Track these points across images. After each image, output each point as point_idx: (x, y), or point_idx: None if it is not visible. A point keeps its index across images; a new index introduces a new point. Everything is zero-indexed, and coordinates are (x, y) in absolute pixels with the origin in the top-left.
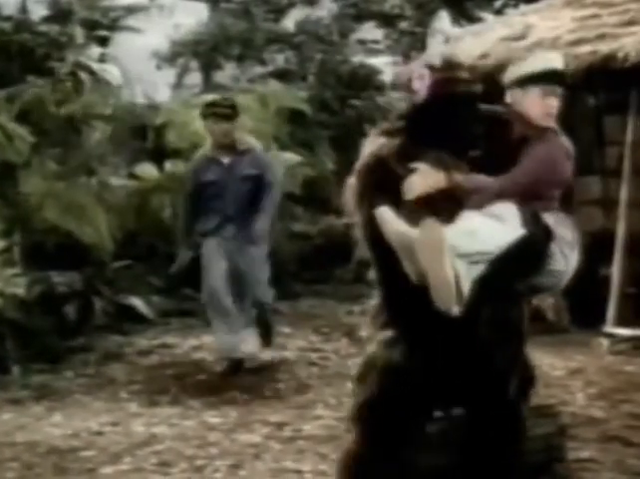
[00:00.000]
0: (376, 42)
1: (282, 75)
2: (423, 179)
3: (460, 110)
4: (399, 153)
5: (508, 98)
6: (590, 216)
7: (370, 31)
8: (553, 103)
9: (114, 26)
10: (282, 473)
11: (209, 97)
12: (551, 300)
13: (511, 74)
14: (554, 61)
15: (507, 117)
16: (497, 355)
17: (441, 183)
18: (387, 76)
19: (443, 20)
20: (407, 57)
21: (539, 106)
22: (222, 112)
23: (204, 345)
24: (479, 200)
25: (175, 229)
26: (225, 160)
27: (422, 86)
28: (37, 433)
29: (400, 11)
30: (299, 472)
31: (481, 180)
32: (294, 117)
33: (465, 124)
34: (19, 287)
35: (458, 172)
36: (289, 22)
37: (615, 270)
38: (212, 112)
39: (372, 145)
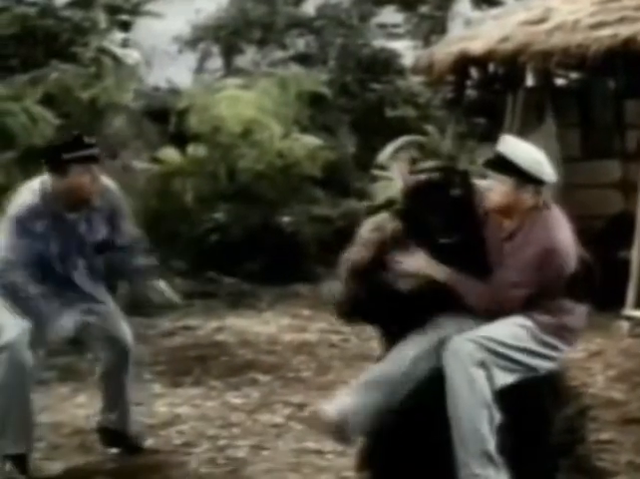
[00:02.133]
0: (396, 26)
1: (303, 59)
2: (427, 266)
3: (421, 200)
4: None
5: None
6: (610, 199)
7: (390, 15)
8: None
9: (136, 11)
10: (304, 453)
11: (61, 137)
12: None
13: None
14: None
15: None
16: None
17: (440, 276)
18: (407, 60)
19: (463, 3)
20: (427, 41)
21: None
22: (92, 154)
23: (227, 327)
24: None
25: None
26: (71, 216)
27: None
28: (62, 414)
29: None
30: (320, 452)
31: (468, 283)
32: (315, 100)
33: (430, 213)
34: None
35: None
36: (309, 6)
37: (635, 253)
38: (81, 156)
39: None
